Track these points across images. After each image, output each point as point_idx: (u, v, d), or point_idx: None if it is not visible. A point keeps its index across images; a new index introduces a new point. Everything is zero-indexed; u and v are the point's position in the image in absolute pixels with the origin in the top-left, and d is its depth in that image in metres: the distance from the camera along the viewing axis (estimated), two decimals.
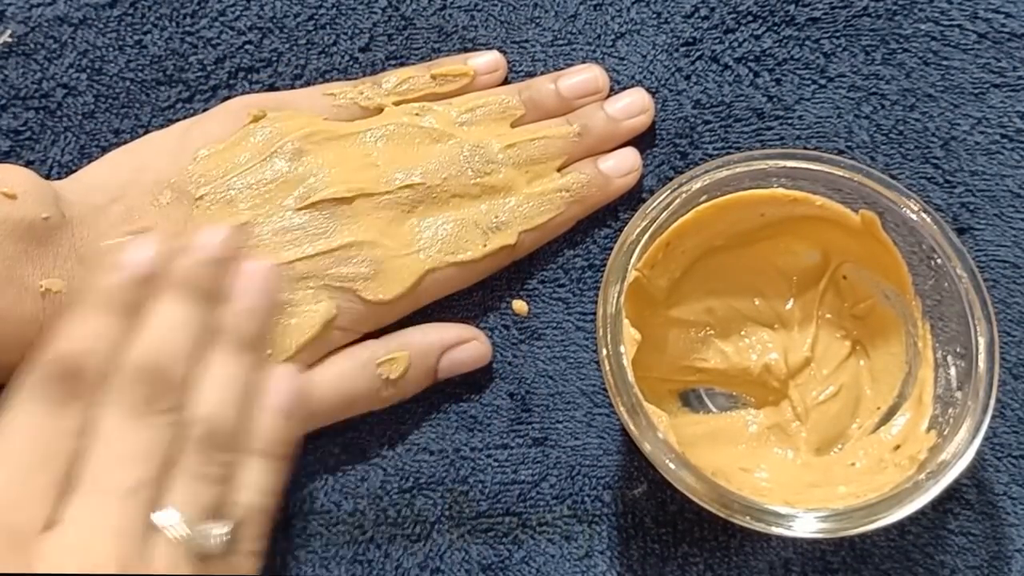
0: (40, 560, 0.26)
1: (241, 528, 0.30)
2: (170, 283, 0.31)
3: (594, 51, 0.43)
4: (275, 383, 0.32)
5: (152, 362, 0.29)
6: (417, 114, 0.40)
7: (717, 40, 0.43)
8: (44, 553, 0.27)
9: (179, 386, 0.30)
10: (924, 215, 0.35)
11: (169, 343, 0.30)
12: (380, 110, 0.40)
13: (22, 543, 0.27)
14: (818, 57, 0.42)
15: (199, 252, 0.32)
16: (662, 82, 0.42)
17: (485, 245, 0.39)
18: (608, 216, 0.41)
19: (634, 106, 0.41)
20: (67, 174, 0.40)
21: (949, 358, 0.35)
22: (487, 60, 0.42)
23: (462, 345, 0.39)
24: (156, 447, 0.29)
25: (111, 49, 0.42)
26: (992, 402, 0.33)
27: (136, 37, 0.43)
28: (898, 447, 0.35)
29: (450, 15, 0.43)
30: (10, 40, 0.42)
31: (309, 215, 0.37)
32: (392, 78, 0.41)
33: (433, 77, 0.41)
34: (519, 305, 0.41)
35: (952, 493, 0.38)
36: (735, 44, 0.43)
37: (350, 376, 0.37)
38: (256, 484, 0.31)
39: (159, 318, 0.30)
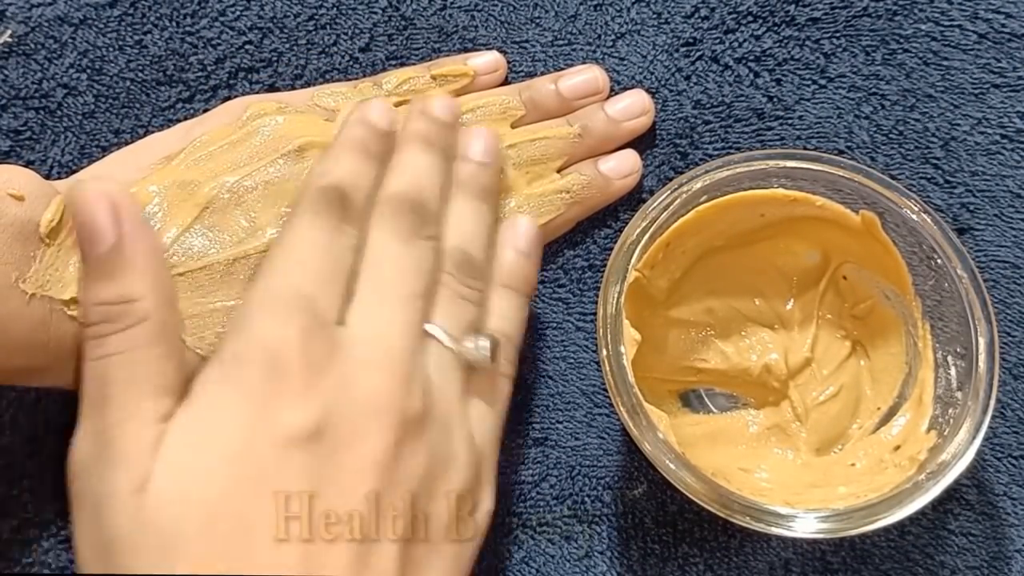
0: (344, 346, 0.29)
1: (498, 347, 0.33)
2: (409, 137, 0.35)
3: (594, 51, 0.43)
4: (514, 226, 0.36)
5: (412, 194, 0.33)
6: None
7: (717, 40, 0.43)
8: (345, 339, 0.30)
9: (435, 218, 0.34)
10: (924, 215, 0.35)
11: (422, 181, 0.34)
12: None
13: (326, 327, 0.30)
14: (818, 57, 0.42)
15: (432, 113, 0.36)
16: (662, 82, 0.42)
17: None
18: (608, 216, 0.41)
19: (634, 107, 0.41)
20: (67, 174, 0.40)
21: (949, 358, 0.35)
22: (487, 60, 0.42)
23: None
24: (423, 266, 0.32)
25: (111, 49, 0.42)
26: (992, 402, 0.33)
27: (136, 37, 0.43)
28: (898, 447, 0.35)
29: (450, 15, 0.43)
30: (10, 40, 0.42)
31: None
32: (392, 78, 0.41)
33: (433, 77, 0.41)
34: None
35: (952, 493, 0.38)
36: (735, 44, 0.43)
37: None
38: (506, 312, 0.35)
39: (408, 162, 0.34)
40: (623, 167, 0.41)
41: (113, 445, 0.28)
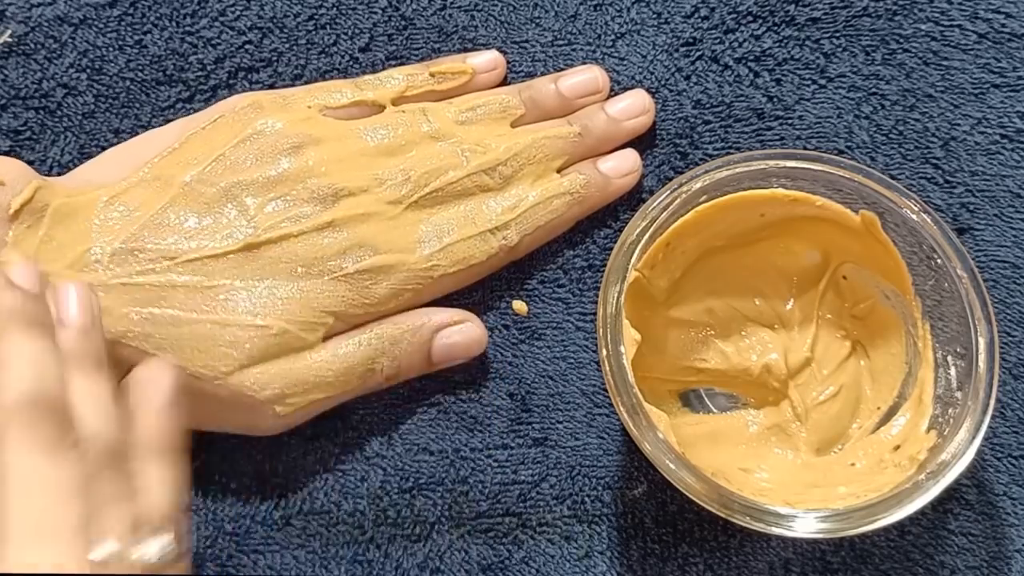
0: None
1: (174, 530, 0.30)
2: (6, 321, 0.29)
3: (594, 51, 0.43)
4: (150, 385, 0.32)
5: (42, 393, 0.28)
6: (417, 113, 0.40)
7: (717, 40, 0.43)
8: None
9: (68, 415, 0.29)
10: (924, 215, 0.35)
11: (43, 373, 0.29)
12: (380, 109, 0.40)
13: None
14: (818, 57, 0.42)
15: (18, 285, 0.30)
16: (662, 82, 0.42)
17: (485, 246, 0.39)
18: (608, 216, 0.41)
19: (635, 107, 0.41)
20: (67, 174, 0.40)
21: (949, 358, 0.35)
22: (486, 59, 0.42)
23: (456, 325, 0.39)
24: (78, 481, 0.28)
25: (111, 49, 0.42)
26: (992, 402, 0.33)
27: (136, 37, 0.42)
28: (898, 447, 0.35)
29: (450, 15, 0.43)
30: (10, 40, 0.42)
31: (310, 211, 0.37)
32: (391, 77, 0.41)
33: (432, 75, 0.41)
34: (519, 305, 0.41)
35: (952, 493, 0.38)
36: (735, 44, 0.43)
37: (347, 354, 0.37)
38: (165, 483, 0.30)
39: (16, 353, 0.29)
40: (623, 166, 0.41)
41: None
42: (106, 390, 0.31)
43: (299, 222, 0.37)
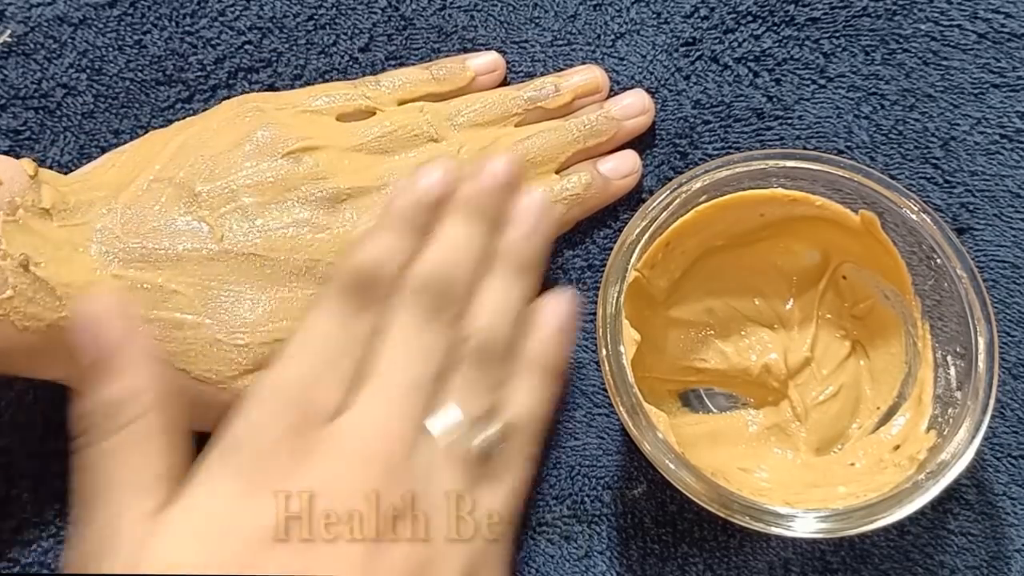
0: (335, 439, 0.29)
1: (509, 434, 0.31)
2: (457, 205, 0.33)
3: (594, 51, 0.43)
4: (551, 304, 0.34)
5: (439, 275, 0.32)
6: (416, 114, 0.40)
7: (717, 40, 0.43)
8: (337, 432, 0.29)
9: (461, 299, 0.32)
10: (924, 215, 0.35)
11: (454, 259, 0.33)
12: (379, 110, 0.40)
13: (317, 423, 0.29)
14: (818, 57, 0.42)
15: (485, 178, 0.34)
16: (662, 82, 0.42)
17: None
18: (608, 216, 0.41)
19: (634, 107, 0.41)
20: (66, 174, 0.40)
21: (949, 358, 0.35)
22: (486, 60, 0.42)
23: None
24: (438, 352, 0.31)
25: (111, 49, 0.42)
26: (992, 402, 0.33)
27: (136, 37, 0.43)
28: (898, 447, 0.35)
29: (450, 15, 0.43)
30: (10, 40, 0.42)
31: (311, 213, 0.37)
32: (391, 78, 0.41)
33: (432, 77, 0.41)
34: None
35: (952, 493, 0.38)
36: (735, 44, 0.43)
37: None
38: (531, 394, 0.33)
39: (446, 236, 0.33)
40: (622, 167, 0.41)
41: (105, 542, 0.28)
42: (514, 295, 0.33)
43: (300, 225, 0.36)
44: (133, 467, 0.28)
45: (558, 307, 0.34)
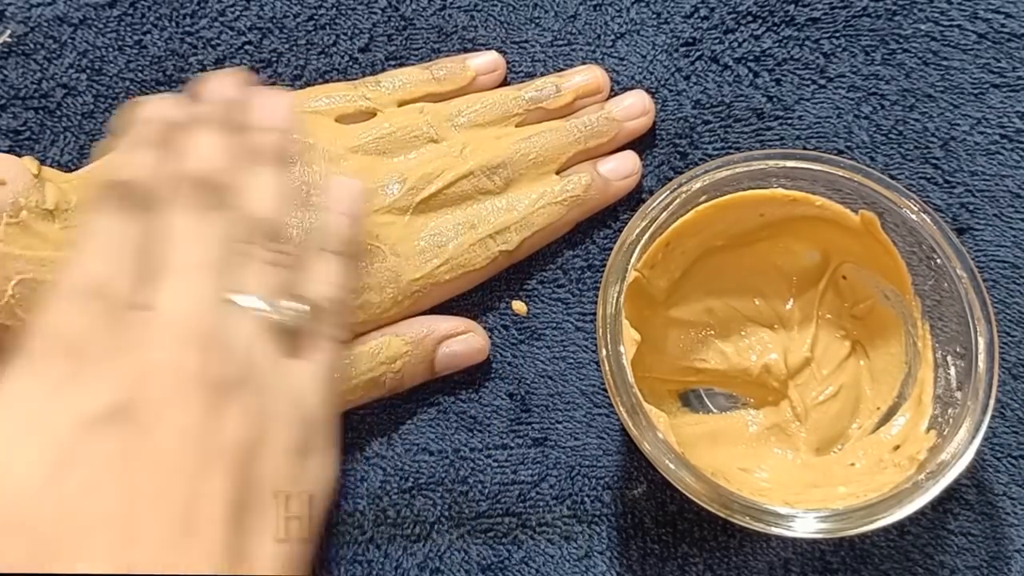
0: (142, 325, 0.29)
1: (317, 311, 0.31)
2: (201, 119, 0.33)
3: (594, 51, 0.43)
4: (335, 188, 0.34)
5: (203, 172, 0.32)
6: (416, 115, 0.40)
7: (717, 40, 0.43)
8: (143, 319, 0.29)
9: (228, 190, 0.32)
10: (924, 215, 0.35)
11: (214, 158, 0.32)
12: (379, 111, 0.40)
13: (122, 310, 0.29)
14: (818, 57, 0.42)
15: (219, 91, 0.35)
16: (662, 82, 0.42)
17: (485, 251, 0.39)
18: (608, 217, 0.41)
19: (635, 108, 0.41)
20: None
21: (949, 358, 0.35)
22: (486, 60, 0.42)
23: (459, 336, 0.39)
24: (221, 237, 0.31)
25: (111, 49, 0.42)
26: (992, 402, 0.33)
27: (136, 37, 0.43)
28: (898, 447, 0.35)
29: (450, 15, 0.43)
30: (10, 40, 0.42)
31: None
32: (391, 79, 0.41)
33: (432, 77, 0.41)
34: (518, 305, 0.41)
35: (952, 493, 0.38)
36: (735, 44, 0.43)
37: (350, 364, 0.37)
38: (326, 276, 0.33)
39: (198, 144, 0.33)
40: (623, 168, 0.41)
41: None
42: (282, 184, 0.34)
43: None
44: None
45: (343, 190, 0.35)
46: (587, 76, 0.41)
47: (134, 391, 0.27)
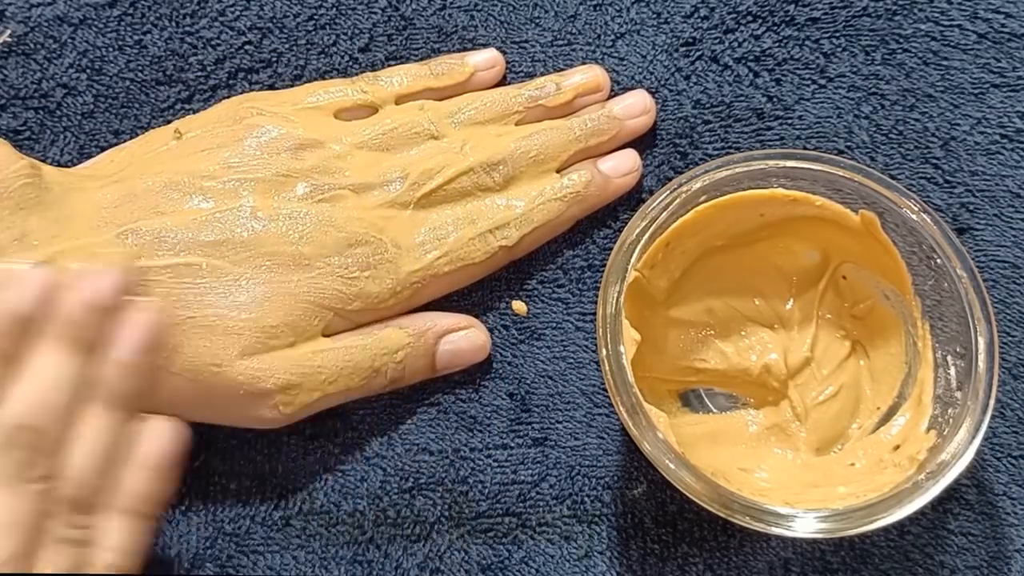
0: None
1: None
2: (52, 329, 0.30)
3: (594, 51, 0.43)
4: (151, 440, 0.32)
5: (29, 423, 0.29)
6: (416, 112, 0.40)
7: (717, 40, 0.43)
8: None
9: (52, 450, 0.29)
10: (924, 215, 0.35)
11: (48, 400, 0.29)
12: (379, 107, 0.40)
13: None
14: (818, 57, 0.42)
15: (87, 295, 0.30)
16: (662, 82, 0.42)
17: (485, 245, 0.39)
18: (608, 216, 0.41)
19: (636, 107, 0.41)
20: None
21: (949, 358, 0.35)
22: (485, 57, 0.42)
23: (460, 331, 0.39)
24: (27, 517, 0.28)
25: (111, 49, 0.42)
26: (992, 402, 0.33)
27: (136, 37, 0.43)
28: (898, 447, 0.35)
29: (450, 15, 0.43)
30: (10, 40, 0.42)
31: (313, 207, 0.37)
32: (390, 75, 0.41)
33: (431, 73, 0.41)
34: (518, 305, 0.41)
35: (952, 493, 0.38)
36: (735, 44, 0.43)
37: (350, 350, 0.37)
38: (119, 544, 0.30)
39: (39, 372, 0.29)
40: (623, 166, 0.41)
41: None
42: (114, 434, 0.31)
43: (298, 219, 0.37)
44: None
45: (157, 442, 0.32)
46: (587, 75, 0.41)
47: None
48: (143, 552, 0.31)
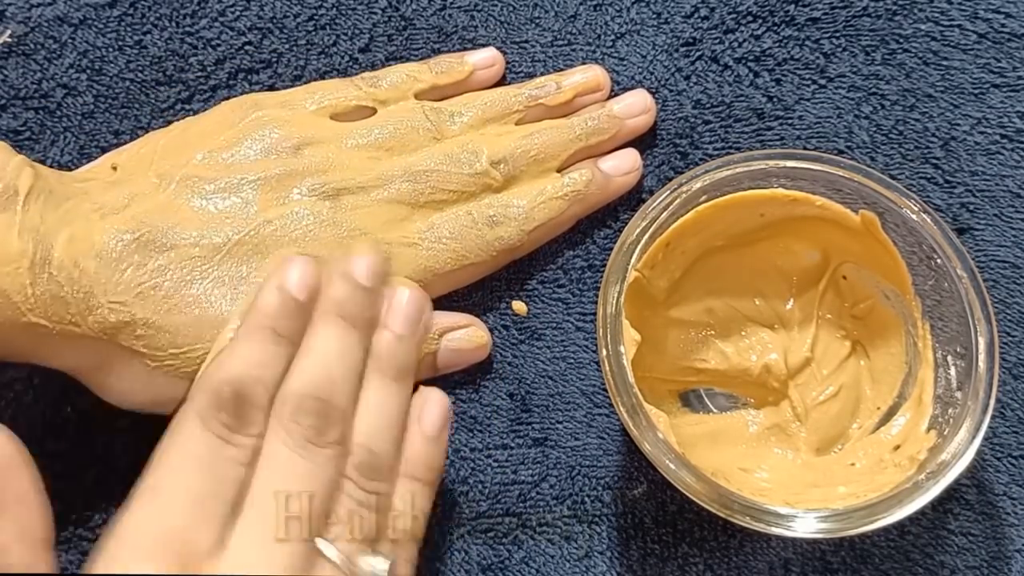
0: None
1: (398, 557, 0.31)
2: (328, 310, 0.32)
3: (594, 51, 0.43)
4: (427, 409, 0.34)
5: (317, 392, 0.31)
6: (416, 112, 0.40)
7: (717, 40, 0.43)
8: (221, 570, 0.28)
9: (340, 418, 0.31)
10: (924, 215, 0.35)
11: (332, 372, 0.31)
12: (379, 107, 0.40)
13: (193, 565, 0.28)
14: (818, 57, 0.42)
15: (353, 279, 0.33)
16: (662, 82, 0.42)
17: (485, 245, 0.39)
18: (608, 216, 0.41)
19: (636, 106, 0.41)
20: None
21: (949, 358, 0.35)
22: (484, 56, 0.42)
23: (462, 329, 0.39)
24: (321, 477, 0.30)
25: (111, 49, 0.42)
26: (992, 402, 0.33)
27: (136, 37, 0.42)
28: (898, 447, 0.35)
29: (450, 15, 0.43)
30: (10, 40, 0.42)
31: (313, 207, 0.37)
32: (389, 75, 0.41)
33: (430, 72, 0.41)
34: (519, 305, 0.41)
35: (952, 493, 0.38)
36: (735, 44, 0.43)
37: None
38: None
39: (320, 346, 0.32)
40: (623, 165, 0.41)
41: None
42: (396, 404, 0.33)
43: (299, 219, 0.37)
44: None
45: (434, 410, 0.34)
46: (587, 74, 0.41)
47: None
48: (427, 517, 0.33)
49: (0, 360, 0.33)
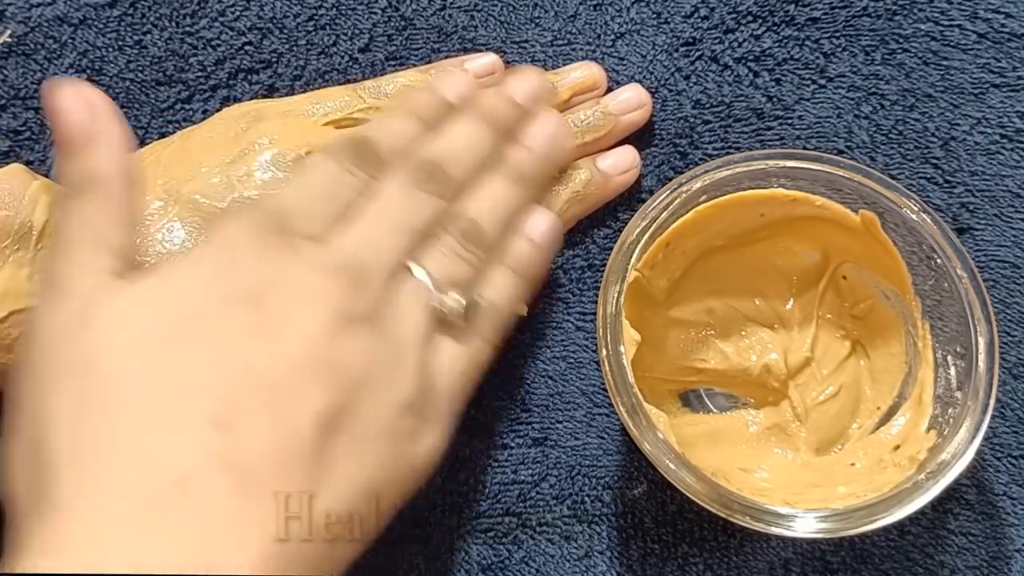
0: (299, 248, 0.30)
1: (480, 312, 0.33)
2: (475, 109, 0.35)
3: (594, 51, 0.43)
4: (537, 218, 0.36)
5: (437, 158, 0.33)
6: None
7: (717, 40, 0.43)
8: (309, 248, 0.30)
9: (456, 184, 0.34)
10: (924, 215, 0.35)
11: (457, 151, 0.34)
12: None
13: (289, 235, 0.30)
14: (818, 57, 0.42)
15: (507, 91, 0.36)
16: (662, 82, 0.42)
17: None
18: (608, 216, 0.41)
19: (631, 101, 0.41)
20: None
21: (949, 358, 0.35)
22: (484, 63, 0.42)
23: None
24: (424, 214, 0.33)
25: (111, 49, 0.42)
26: (992, 402, 0.33)
27: (136, 37, 0.43)
28: (898, 447, 0.35)
29: (450, 15, 0.43)
30: (10, 40, 0.42)
31: None
32: (392, 83, 0.40)
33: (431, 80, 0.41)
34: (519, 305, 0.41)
35: (952, 493, 0.38)
36: (735, 44, 0.43)
37: None
38: (502, 288, 0.34)
39: (454, 130, 0.35)
40: (622, 163, 0.41)
41: (58, 285, 0.28)
42: (510, 199, 0.35)
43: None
44: (91, 227, 0.29)
45: (541, 223, 0.36)
46: (584, 72, 0.41)
47: (273, 290, 0.29)
48: (517, 309, 0.36)
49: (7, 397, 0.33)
